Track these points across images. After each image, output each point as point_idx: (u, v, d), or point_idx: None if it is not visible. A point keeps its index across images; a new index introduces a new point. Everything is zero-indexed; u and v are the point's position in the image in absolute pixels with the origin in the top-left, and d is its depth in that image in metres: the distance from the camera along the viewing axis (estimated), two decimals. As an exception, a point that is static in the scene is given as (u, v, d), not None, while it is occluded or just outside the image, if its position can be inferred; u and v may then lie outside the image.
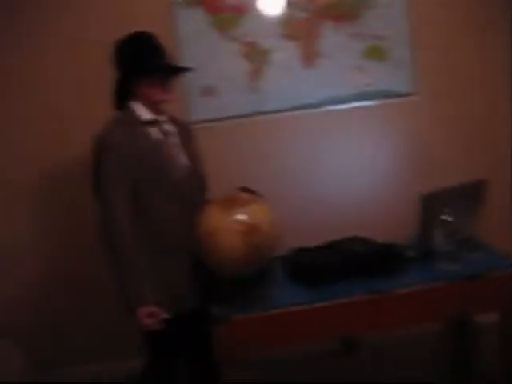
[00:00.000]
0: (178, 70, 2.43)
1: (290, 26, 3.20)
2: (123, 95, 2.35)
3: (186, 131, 2.52)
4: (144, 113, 2.31)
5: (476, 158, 3.40)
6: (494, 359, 2.83)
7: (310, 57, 3.23)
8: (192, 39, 3.17)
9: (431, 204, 2.43)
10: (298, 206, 3.27)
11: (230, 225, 2.14)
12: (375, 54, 3.26)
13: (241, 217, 2.15)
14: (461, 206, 2.43)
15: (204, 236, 2.18)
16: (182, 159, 2.40)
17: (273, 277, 2.48)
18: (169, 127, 2.41)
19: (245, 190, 2.38)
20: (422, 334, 3.31)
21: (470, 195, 2.54)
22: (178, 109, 3.17)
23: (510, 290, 2.33)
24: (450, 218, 2.39)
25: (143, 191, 2.24)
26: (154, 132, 2.34)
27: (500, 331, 2.45)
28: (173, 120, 2.46)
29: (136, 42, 2.33)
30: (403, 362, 3.23)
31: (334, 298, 2.26)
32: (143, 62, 2.28)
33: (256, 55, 3.21)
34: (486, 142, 3.42)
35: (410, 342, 3.33)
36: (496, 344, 2.49)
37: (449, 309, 2.35)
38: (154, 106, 2.33)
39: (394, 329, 2.43)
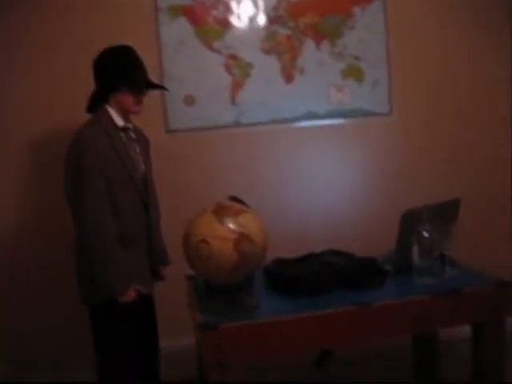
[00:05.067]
0: (155, 87, 2.61)
1: (273, 42, 3.27)
2: (98, 100, 2.50)
3: (144, 141, 2.69)
4: (117, 119, 2.48)
5: (449, 177, 3.54)
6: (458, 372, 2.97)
7: (290, 72, 3.30)
8: (175, 49, 3.19)
9: (409, 220, 2.52)
10: (274, 219, 3.30)
11: (222, 233, 2.16)
12: (353, 73, 3.36)
13: (232, 225, 2.18)
14: (437, 223, 2.52)
15: (195, 243, 2.20)
16: (141, 165, 2.58)
17: (256, 286, 2.51)
18: (132, 134, 2.57)
19: (234, 199, 2.41)
20: (388, 346, 3.40)
21: (445, 213, 2.64)
22: (157, 116, 3.22)
23: (483, 305, 2.43)
24: (427, 234, 2.47)
25: (113, 190, 2.40)
26: (123, 137, 2.51)
27: (473, 344, 2.55)
28: (135, 128, 2.62)
29: (119, 54, 2.48)
30: (370, 373, 3.31)
31: (316, 309, 2.30)
32: (125, 75, 2.45)
33: (238, 68, 3.26)
34: (459, 163, 3.57)
35: (376, 354, 3.43)
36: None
37: (425, 322, 2.42)
38: (124, 114, 2.50)
39: (371, 340, 2.49)
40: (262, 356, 2.30)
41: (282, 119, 3.33)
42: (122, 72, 2.44)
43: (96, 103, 2.51)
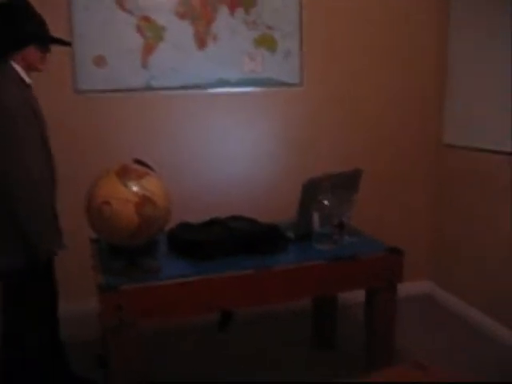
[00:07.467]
0: (60, 42, 2.50)
1: (188, 6, 3.24)
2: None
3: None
4: (24, 75, 2.37)
5: (356, 149, 3.65)
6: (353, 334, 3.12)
7: (203, 38, 3.30)
8: (85, 6, 3.11)
9: (311, 189, 2.60)
10: (180, 184, 3.32)
11: (125, 195, 2.16)
12: (266, 42, 3.40)
13: (135, 188, 2.18)
14: (338, 192, 2.62)
15: (97, 204, 2.19)
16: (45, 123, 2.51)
17: (159, 250, 2.53)
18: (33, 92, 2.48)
19: (138, 162, 2.40)
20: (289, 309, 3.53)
21: (347, 182, 2.74)
22: (66, 76, 3.13)
23: (376, 271, 2.56)
24: (327, 203, 2.57)
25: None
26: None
27: (366, 308, 2.69)
28: None
29: (20, 8, 2.35)
30: (270, 335, 3.42)
31: (217, 272, 2.36)
32: (33, 30, 2.35)
33: (150, 31, 3.22)
34: (367, 134, 3.69)
35: (277, 317, 3.55)
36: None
37: (322, 286, 2.53)
38: (28, 71, 2.40)
39: (272, 303, 2.57)
40: (161, 317, 2.33)
41: (194, 85, 3.33)
42: (30, 27, 2.34)
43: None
